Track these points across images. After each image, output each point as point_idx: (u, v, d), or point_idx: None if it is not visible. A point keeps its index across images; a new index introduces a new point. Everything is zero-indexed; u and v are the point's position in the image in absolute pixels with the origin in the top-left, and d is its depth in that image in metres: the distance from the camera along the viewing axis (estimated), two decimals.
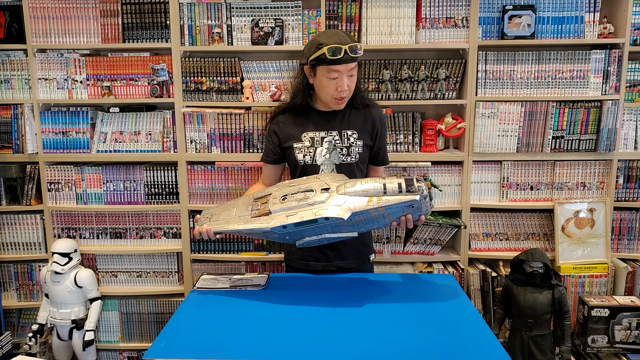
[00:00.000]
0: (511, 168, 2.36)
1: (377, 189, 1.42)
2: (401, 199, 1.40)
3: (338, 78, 1.68)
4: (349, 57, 1.65)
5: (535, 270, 2.01)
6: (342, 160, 1.78)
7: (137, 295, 2.50)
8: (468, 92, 2.29)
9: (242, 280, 1.75)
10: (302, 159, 1.79)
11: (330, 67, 1.66)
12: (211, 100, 2.35)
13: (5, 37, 2.35)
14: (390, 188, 1.41)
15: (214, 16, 2.30)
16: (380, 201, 1.40)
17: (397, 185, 1.41)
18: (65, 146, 2.42)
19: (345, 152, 1.78)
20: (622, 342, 2.05)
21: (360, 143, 1.79)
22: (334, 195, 1.44)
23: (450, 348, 1.26)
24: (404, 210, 1.44)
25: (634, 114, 2.34)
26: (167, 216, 2.45)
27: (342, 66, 1.66)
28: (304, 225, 1.44)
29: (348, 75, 1.69)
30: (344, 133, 1.79)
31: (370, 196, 1.41)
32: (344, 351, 1.25)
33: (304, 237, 1.49)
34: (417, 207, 1.43)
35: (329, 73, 1.68)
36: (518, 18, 2.23)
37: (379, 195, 1.41)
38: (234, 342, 1.30)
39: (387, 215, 1.44)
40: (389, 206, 1.40)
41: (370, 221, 1.47)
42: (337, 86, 1.70)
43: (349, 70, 1.68)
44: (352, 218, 1.41)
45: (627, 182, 2.37)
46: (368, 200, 1.41)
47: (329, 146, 1.78)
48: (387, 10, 2.26)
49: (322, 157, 1.78)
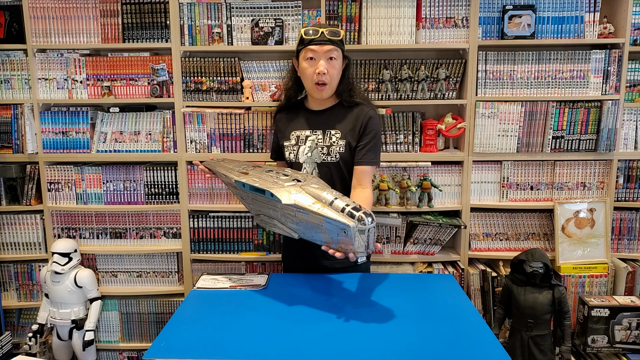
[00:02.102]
0: (511, 168, 2.36)
1: (326, 199, 1.38)
2: (337, 217, 1.33)
3: (315, 59, 1.72)
4: (325, 37, 1.69)
5: (536, 270, 2.00)
6: (322, 160, 1.78)
7: (137, 295, 2.50)
8: (468, 92, 2.29)
9: (242, 280, 1.75)
10: (288, 156, 1.82)
11: (307, 47, 1.71)
12: (211, 100, 2.35)
13: (5, 37, 2.35)
14: (337, 204, 1.36)
15: (214, 16, 2.30)
16: (320, 209, 1.36)
17: (345, 205, 1.35)
18: (65, 146, 2.42)
19: (325, 151, 1.78)
20: (622, 342, 2.05)
21: (343, 143, 1.77)
22: (295, 187, 1.47)
23: (450, 348, 1.26)
24: (338, 234, 1.35)
25: (634, 114, 2.34)
26: (167, 216, 2.45)
27: (318, 47, 1.70)
28: (257, 193, 1.54)
29: (326, 58, 1.71)
30: (327, 132, 1.79)
31: (316, 200, 1.40)
32: (344, 351, 1.25)
33: (260, 212, 1.61)
34: (348, 236, 1.32)
35: (306, 54, 1.73)
36: (518, 18, 2.23)
37: (324, 204, 1.38)
38: (234, 342, 1.30)
39: (323, 229, 1.39)
40: (325, 218, 1.35)
41: (309, 228, 1.44)
42: (315, 68, 1.71)
43: (325, 51, 1.71)
44: (294, 212, 1.43)
45: (627, 182, 2.37)
46: (313, 202, 1.39)
47: (311, 145, 1.79)
48: (387, 10, 2.26)
49: (304, 155, 1.79)
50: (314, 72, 1.72)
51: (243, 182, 1.58)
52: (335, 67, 1.73)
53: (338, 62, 1.74)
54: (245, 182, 1.57)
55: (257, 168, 1.72)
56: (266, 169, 1.69)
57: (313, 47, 1.70)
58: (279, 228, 1.55)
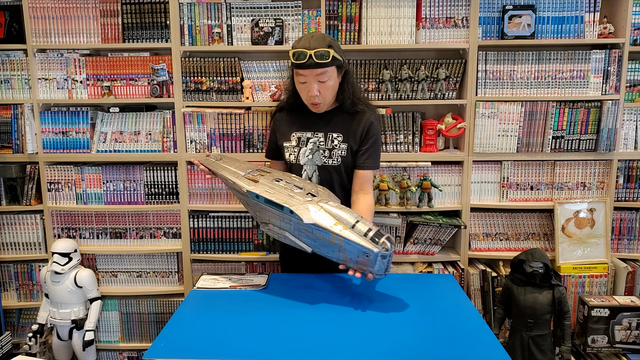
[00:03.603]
0: (511, 168, 2.36)
1: (348, 221, 1.42)
2: (361, 242, 1.38)
3: (307, 83, 1.67)
4: (313, 62, 1.61)
5: (535, 270, 2.00)
6: (324, 162, 1.77)
7: (137, 295, 2.50)
8: (468, 92, 2.29)
9: (242, 280, 1.75)
10: (288, 157, 1.81)
11: (297, 70, 1.67)
12: (211, 100, 2.35)
13: (5, 37, 2.35)
14: (359, 228, 1.40)
15: (214, 16, 2.30)
16: (342, 231, 1.40)
17: (367, 229, 1.40)
18: (65, 146, 2.42)
19: (327, 154, 1.77)
20: (622, 342, 2.05)
21: (345, 147, 1.76)
22: (313, 203, 1.46)
23: (450, 348, 1.26)
24: (358, 256, 1.41)
25: (634, 114, 2.34)
26: (167, 216, 2.45)
27: (307, 71, 1.64)
28: (272, 205, 1.49)
29: (318, 81, 1.66)
30: (329, 135, 1.77)
31: (338, 221, 1.42)
32: (344, 351, 1.25)
33: (269, 222, 1.55)
34: (371, 260, 1.39)
35: (297, 77, 1.69)
36: (518, 18, 2.23)
37: (345, 226, 1.41)
38: (234, 342, 1.30)
39: (342, 249, 1.43)
40: (347, 241, 1.39)
41: (326, 245, 1.46)
42: (307, 90, 1.69)
43: (315, 75, 1.64)
44: (312, 229, 1.43)
45: (627, 182, 2.37)
46: (335, 223, 1.41)
47: (312, 147, 1.78)
48: (387, 10, 2.26)
49: (305, 157, 1.77)
50: (307, 93, 1.70)
51: (257, 193, 1.52)
52: (328, 87, 1.69)
53: (331, 80, 1.69)
54: (259, 194, 1.52)
55: (264, 174, 1.66)
56: (274, 176, 1.64)
57: (303, 72, 1.65)
58: (290, 240, 1.53)
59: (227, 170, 1.74)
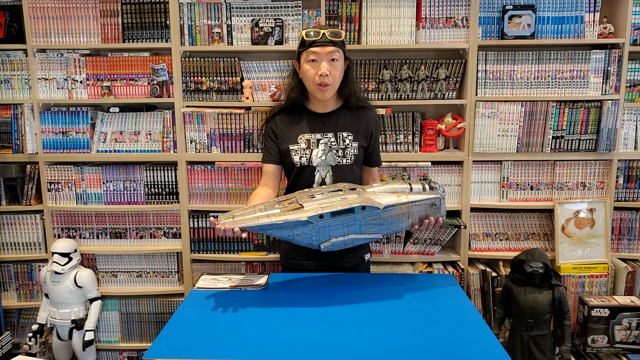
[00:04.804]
0: (511, 168, 2.36)
1: (404, 188, 1.53)
2: (427, 195, 1.51)
3: (317, 61, 1.70)
4: (327, 39, 1.69)
5: (535, 270, 2.00)
6: (337, 162, 1.78)
7: (137, 295, 2.50)
8: (468, 92, 2.29)
9: (242, 280, 1.75)
10: (298, 160, 1.79)
11: (309, 50, 1.70)
12: (211, 100, 2.35)
13: (5, 37, 2.35)
14: (416, 187, 1.53)
15: (214, 16, 2.30)
16: (409, 197, 1.50)
17: (421, 185, 1.54)
18: (65, 146, 2.42)
19: (340, 153, 1.78)
20: (622, 342, 2.05)
21: (356, 145, 1.79)
22: (364, 192, 1.51)
23: (450, 348, 1.26)
24: (426, 210, 1.53)
25: (634, 114, 2.34)
26: (167, 216, 2.45)
27: (320, 48, 1.69)
28: (339, 215, 1.46)
29: (328, 60, 1.70)
30: (339, 135, 1.79)
31: (398, 192, 1.51)
32: (344, 351, 1.25)
33: (330, 238, 1.49)
34: (437, 207, 1.54)
35: (308, 56, 1.71)
36: (518, 18, 2.23)
37: (406, 193, 1.51)
38: (234, 342, 1.30)
39: (411, 214, 1.52)
40: (415, 203, 1.50)
41: (394, 221, 1.52)
42: (317, 70, 1.71)
43: (327, 53, 1.70)
44: (382, 213, 1.48)
45: (627, 182, 2.37)
46: (397, 195, 1.50)
47: (324, 148, 1.78)
48: (387, 10, 2.26)
49: (318, 158, 1.78)
50: (316, 73, 1.71)
51: (320, 214, 1.44)
52: (337, 68, 1.73)
53: (340, 63, 1.74)
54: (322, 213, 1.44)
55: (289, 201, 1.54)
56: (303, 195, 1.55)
57: (315, 49, 1.69)
58: (358, 240, 1.53)
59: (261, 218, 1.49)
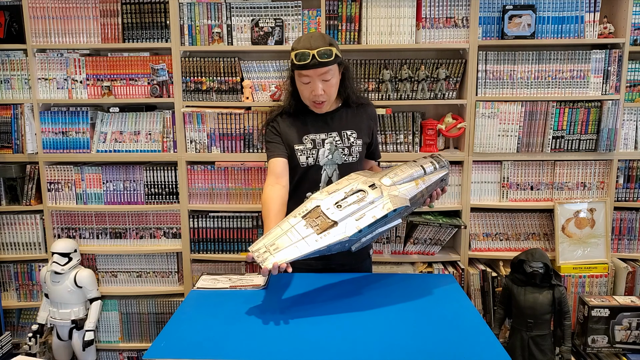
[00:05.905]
0: (511, 168, 2.36)
1: (419, 172, 1.54)
2: (439, 174, 1.57)
3: (311, 83, 1.67)
4: (317, 62, 1.61)
5: (536, 270, 2.00)
6: (344, 160, 1.79)
7: (137, 295, 2.50)
8: (468, 92, 2.29)
9: (242, 280, 1.75)
10: (305, 161, 1.78)
11: (300, 72, 1.66)
12: (211, 100, 2.35)
13: (5, 37, 2.35)
14: (427, 168, 1.56)
15: (214, 16, 2.30)
16: (424, 182, 1.53)
17: (431, 164, 1.57)
18: (65, 146, 2.42)
19: (347, 152, 1.78)
20: (622, 342, 2.05)
21: (360, 142, 1.80)
22: (385, 188, 1.49)
23: (450, 348, 1.26)
24: (438, 186, 1.59)
25: (634, 114, 2.34)
26: (167, 216, 2.45)
27: (311, 71, 1.64)
28: (375, 224, 1.44)
29: (322, 80, 1.66)
30: (343, 133, 1.79)
31: (415, 179, 1.52)
32: (344, 351, 1.25)
33: (361, 239, 1.47)
34: (445, 180, 1.63)
35: (300, 78, 1.68)
36: (518, 18, 2.23)
37: (422, 177, 1.54)
38: (234, 342, 1.30)
39: (425, 194, 1.56)
40: (429, 185, 1.54)
41: (413, 204, 1.55)
42: (311, 90, 1.69)
43: (319, 75, 1.65)
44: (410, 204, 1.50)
45: (627, 182, 2.37)
46: (415, 184, 1.51)
47: (330, 147, 1.78)
48: (387, 10, 2.26)
49: (325, 157, 1.78)
50: (310, 92, 1.69)
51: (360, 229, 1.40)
52: (332, 84, 1.70)
53: (334, 78, 1.70)
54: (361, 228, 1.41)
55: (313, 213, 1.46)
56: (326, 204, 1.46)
57: (307, 73, 1.65)
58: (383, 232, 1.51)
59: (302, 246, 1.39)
